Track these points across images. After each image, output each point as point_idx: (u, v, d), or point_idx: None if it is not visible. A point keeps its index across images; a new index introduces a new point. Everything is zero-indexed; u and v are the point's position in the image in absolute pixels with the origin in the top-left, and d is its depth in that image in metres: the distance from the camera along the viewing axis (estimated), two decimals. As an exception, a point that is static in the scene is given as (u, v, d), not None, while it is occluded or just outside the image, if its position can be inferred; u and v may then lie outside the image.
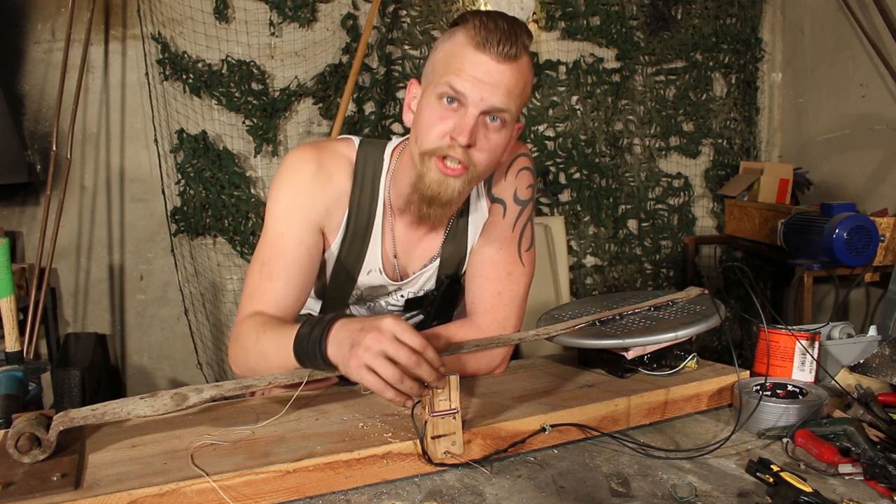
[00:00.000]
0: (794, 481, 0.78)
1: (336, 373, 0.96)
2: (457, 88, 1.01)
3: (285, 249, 1.13)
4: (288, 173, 1.16)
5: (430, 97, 1.04)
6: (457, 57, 1.02)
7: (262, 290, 1.12)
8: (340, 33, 3.14)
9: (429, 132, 1.04)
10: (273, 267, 1.13)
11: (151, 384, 3.19)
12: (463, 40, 1.02)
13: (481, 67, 1.00)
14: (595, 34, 3.43)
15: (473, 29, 1.01)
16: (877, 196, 3.04)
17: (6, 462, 0.80)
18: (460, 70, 1.01)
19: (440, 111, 1.03)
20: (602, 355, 1.17)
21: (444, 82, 1.01)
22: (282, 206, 1.14)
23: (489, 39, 0.99)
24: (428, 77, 1.07)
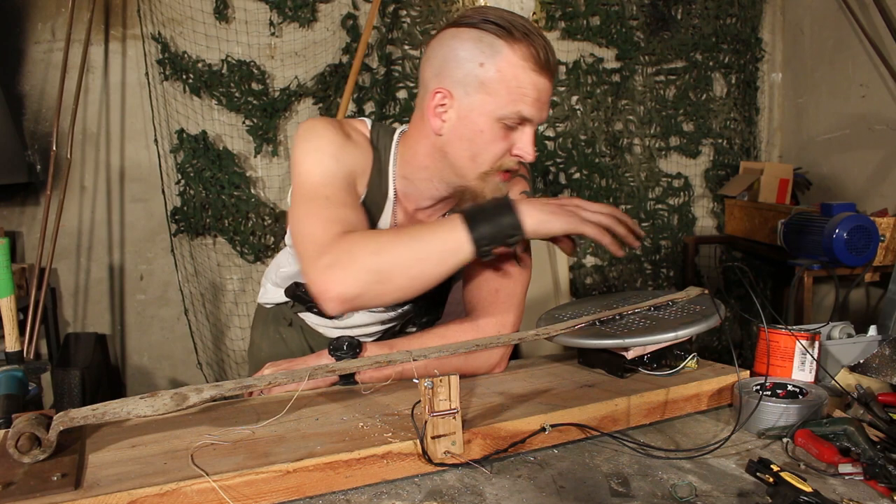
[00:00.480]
0: (794, 481, 0.78)
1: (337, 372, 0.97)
2: (526, 116, 1.05)
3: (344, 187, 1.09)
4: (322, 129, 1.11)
5: (487, 118, 1.04)
6: (519, 81, 1.03)
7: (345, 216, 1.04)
8: (340, 33, 3.14)
9: (492, 152, 1.07)
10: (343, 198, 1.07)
11: (151, 384, 3.19)
12: (518, 62, 1.02)
13: (543, 90, 1.05)
14: (595, 34, 3.43)
15: (529, 49, 1.02)
16: (877, 196, 3.04)
17: (6, 462, 0.80)
18: (526, 96, 1.03)
19: (502, 133, 1.06)
20: (602, 355, 1.17)
21: (513, 111, 1.03)
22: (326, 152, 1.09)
23: (549, 60, 1.03)
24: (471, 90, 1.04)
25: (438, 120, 1.09)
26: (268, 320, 1.45)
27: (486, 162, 1.07)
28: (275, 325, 1.42)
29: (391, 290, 1.00)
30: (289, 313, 1.40)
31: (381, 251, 0.98)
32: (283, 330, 1.41)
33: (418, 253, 0.98)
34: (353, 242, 0.99)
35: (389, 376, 1.15)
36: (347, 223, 1.04)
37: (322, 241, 1.00)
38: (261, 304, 1.48)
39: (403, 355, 1.03)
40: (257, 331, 1.48)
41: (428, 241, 0.99)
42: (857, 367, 1.19)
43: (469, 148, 1.07)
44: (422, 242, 0.99)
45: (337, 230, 1.01)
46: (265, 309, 1.46)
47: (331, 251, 0.99)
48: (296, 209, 1.07)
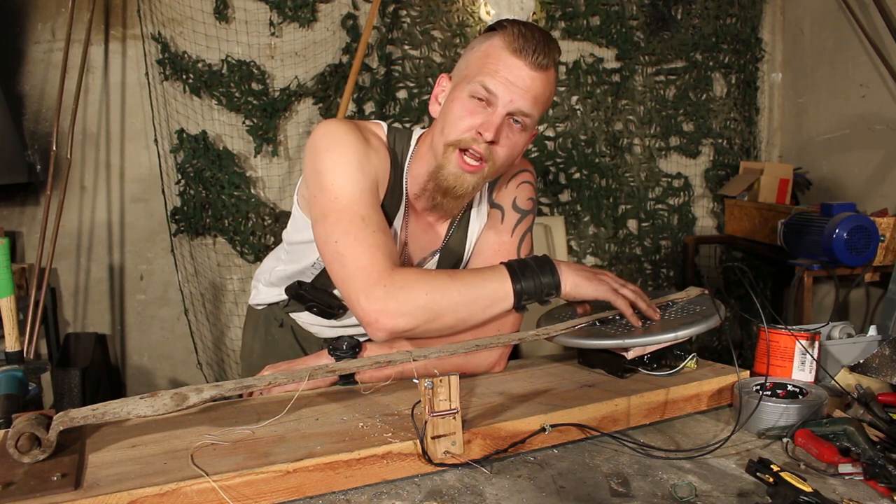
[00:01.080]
0: (794, 481, 0.78)
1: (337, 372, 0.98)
2: (489, 88, 1.07)
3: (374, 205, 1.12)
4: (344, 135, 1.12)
5: (462, 92, 1.09)
6: (493, 58, 1.08)
7: (384, 243, 1.08)
8: (340, 33, 3.14)
9: (456, 124, 1.09)
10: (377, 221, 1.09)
11: (151, 384, 3.19)
12: (500, 44, 1.08)
13: (515, 72, 1.07)
14: (595, 34, 3.43)
15: (511, 35, 1.07)
16: (877, 196, 3.04)
17: (6, 462, 0.80)
18: (495, 72, 1.07)
19: (470, 106, 1.09)
20: (602, 355, 1.17)
21: (478, 81, 1.07)
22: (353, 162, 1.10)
23: (526, 47, 1.06)
24: (461, 73, 1.13)
25: (436, 104, 1.17)
26: (259, 322, 1.45)
27: (450, 133, 1.10)
28: (266, 327, 1.42)
29: (439, 328, 1.07)
30: (280, 314, 1.40)
31: (434, 292, 1.04)
32: (274, 331, 1.41)
33: (468, 297, 1.06)
34: (407, 279, 1.04)
35: (389, 376, 1.15)
36: (389, 252, 1.07)
37: (372, 272, 1.04)
38: (252, 305, 1.47)
39: (403, 355, 1.03)
40: (248, 333, 1.48)
41: (478, 287, 1.07)
42: (857, 367, 1.19)
43: (442, 121, 1.12)
44: (472, 288, 1.07)
45: (384, 262, 1.05)
46: (256, 311, 1.46)
47: (384, 284, 1.03)
48: (332, 227, 1.08)
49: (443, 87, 1.16)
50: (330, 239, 1.08)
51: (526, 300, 1.09)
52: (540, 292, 1.09)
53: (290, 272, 1.32)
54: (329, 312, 1.28)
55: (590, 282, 1.12)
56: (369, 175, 1.12)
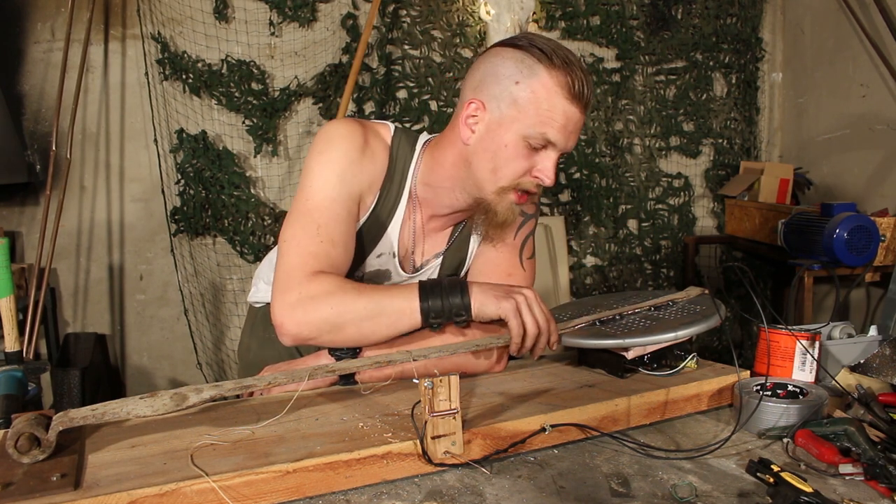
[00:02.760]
0: (795, 481, 0.78)
1: (337, 372, 0.99)
2: (551, 139, 1.08)
3: (340, 217, 1.13)
4: (339, 140, 1.14)
5: (514, 135, 1.08)
6: (550, 105, 1.06)
7: (325, 253, 1.09)
8: (340, 33, 3.14)
9: (513, 169, 1.10)
10: (331, 232, 1.11)
11: (151, 384, 3.19)
12: (553, 87, 1.06)
13: (573, 119, 1.08)
14: (595, 34, 3.43)
15: (564, 77, 1.06)
16: (877, 196, 3.04)
17: (6, 462, 0.80)
18: (553, 120, 1.06)
19: (525, 152, 1.09)
20: (602, 355, 1.17)
21: (538, 131, 1.07)
22: (335, 170, 1.13)
23: (583, 93, 1.07)
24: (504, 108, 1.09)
25: (469, 130, 1.13)
26: (257, 320, 1.45)
27: (505, 177, 1.11)
28: (263, 325, 1.42)
29: (342, 340, 1.08)
30: None
31: (341, 305, 1.05)
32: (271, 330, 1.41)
33: (373, 313, 1.06)
34: (320, 289, 1.06)
35: (390, 376, 1.15)
36: (327, 262, 1.09)
37: (293, 276, 1.07)
38: (251, 303, 1.48)
39: (403, 355, 1.03)
40: (247, 330, 1.49)
41: (384, 305, 1.06)
42: (858, 367, 1.19)
43: (492, 160, 1.11)
44: (378, 305, 1.06)
45: (311, 267, 1.07)
46: (255, 308, 1.47)
47: (299, 291, 1.06)
48: (289, 226, 1.13)
49: (475, 116, 1.12)
50: (284, 235, 1.12)
51: (434, 319, 1.08)
52: (449, 312, 1.08)
53: None
54: None
55: (497, 300, 1.07)
56: (349, 185, 1.14)
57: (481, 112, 1.11)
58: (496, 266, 1.25)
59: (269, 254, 1.50)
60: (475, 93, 1.12)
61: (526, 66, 1.07)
